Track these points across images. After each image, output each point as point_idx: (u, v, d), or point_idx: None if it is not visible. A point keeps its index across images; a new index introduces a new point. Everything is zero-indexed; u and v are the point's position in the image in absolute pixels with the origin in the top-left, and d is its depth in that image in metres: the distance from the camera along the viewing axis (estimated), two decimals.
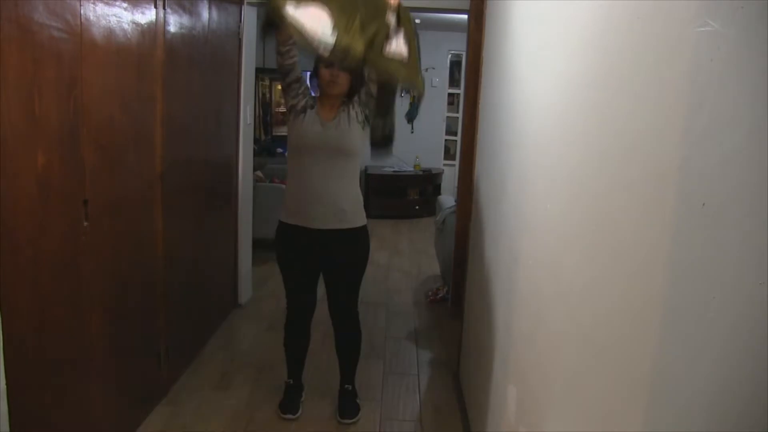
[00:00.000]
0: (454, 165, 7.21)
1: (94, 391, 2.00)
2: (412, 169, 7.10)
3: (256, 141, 4.67)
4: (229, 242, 3.56)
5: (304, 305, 2.51)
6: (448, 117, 7.59)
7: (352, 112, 2.30)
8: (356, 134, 2.30)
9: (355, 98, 2.32)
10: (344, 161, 2.30)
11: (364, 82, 2.29)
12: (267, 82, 6.49)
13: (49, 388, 1.76)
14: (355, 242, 2.38)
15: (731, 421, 0.81)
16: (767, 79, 0.72)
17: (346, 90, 2.30)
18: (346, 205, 2.32)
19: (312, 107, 2.31)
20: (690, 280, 0.78)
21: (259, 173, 4.82)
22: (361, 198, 2.41)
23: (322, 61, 2.25)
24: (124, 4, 2.03)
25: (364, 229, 2.41)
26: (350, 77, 2.27)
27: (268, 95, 6.58)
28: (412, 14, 2.04)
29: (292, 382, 2.62)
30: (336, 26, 1.86)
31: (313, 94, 2.36)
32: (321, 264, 2.42)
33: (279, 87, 6.47)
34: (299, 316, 2.53)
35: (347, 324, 2.54)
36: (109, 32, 1.95)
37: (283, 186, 4.46)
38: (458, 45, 6.64)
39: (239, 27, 3.43)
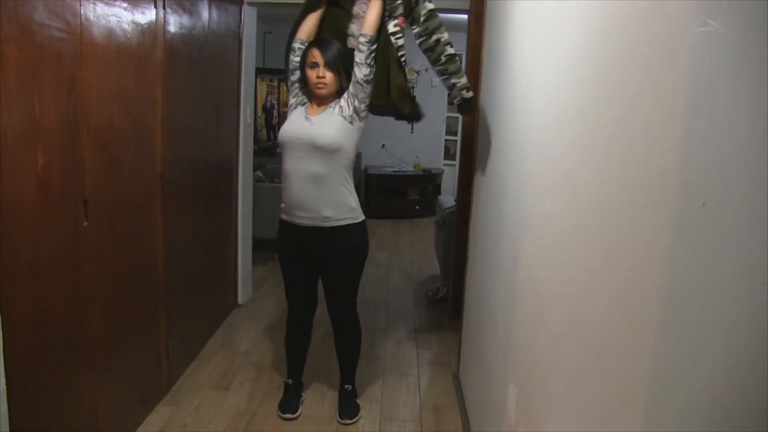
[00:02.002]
0: (454, 165, 7.21)
1: (94, 391, 2.00)
2: (412, 169, 7.11)
3: (257, 141, 4.66)
4: (229, 242, 3.56)
5: (303, 304, 2.51)
6: (448, 117, 7.59)
7: (337, 107, 2.25)
8: (337, 129, 2.22)
9: (344, 93, 2.28)
10: (323, 160, 2.21)
11: (348, 76, 2.26)
12: (275, 83, 6.47)
13: (49, 388, 1.76)
14: (347, 241, 2.33)
15: (731, 422, 0.81)
16: (767, 79, 0.72)
17: (335, 89, 2.27)
18: (328, 212, 2.25)
19: (304, 104, 2.34)
20: (690, 280, 0.78)
21: (259, 173, 4.82)
22: (350, 199, 2.30)
23: (307, 63, 2.24)
24: (124, 4, 2.03)
25: (358, 227, 2.34)
26: (337, 76, 2.24)
27: (276, 95, 6.54)
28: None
29: (291, 381, 2.62)
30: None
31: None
32: (317, 264, 2.41)
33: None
34: (299, 314, 2.53)
35: (346, 324, 2.53)
36: (109, 32, 1.95)
37: None
38: (458, 45, 6.63)
39: (239, 27, 3.43)
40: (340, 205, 2.28)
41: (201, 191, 3.00)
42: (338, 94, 2.29)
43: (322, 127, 2.22)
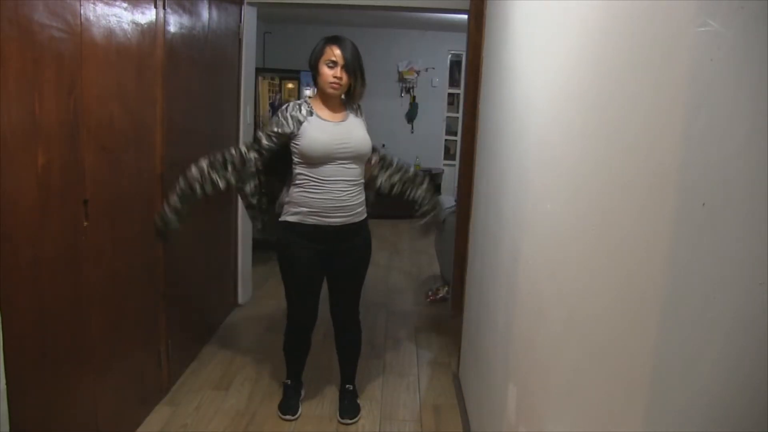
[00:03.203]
0: (454, 165, 7.21)
1: (94, 391, 2.00)
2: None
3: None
4: (229, 242, 3.56)
5: (307, 317, 2.45)
6: (448, 117, 7.59)
7: (360, 117, 2.35)
8: (366, 134, 2.32)
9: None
10: (361, 163, 2.30)
11: (363, 83, 2.28)
12: (276, 81, 6.46)
13: (49, 388, 1.75)
14: (363, 233, 2.39)
15: (731, 422, 0.81)
16: (767, 79, 0.72)
17: (345, 91, 2.27)
18: (359, 208, 2.34)
19: (311, 113, 2.24)
20: (690, 280, 0.78)
21: None
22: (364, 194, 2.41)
23: (323, 60, 2.20)
24: (124, 4, 2.03)
25: (366, 221, 2.43)
26: (352, 80, 2.23)
27: (277, 95, 6.52)
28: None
29: (290, 382, 2.62)
30: None
31: (307, 102, 2.28)
32: (325, 265, 2.38)
33: (289, 86, 6.46)
34: (301, 326, 2.49)
35: (349, 325, 2.53)
36: (109, 32, 1.95)
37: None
38: (458, 45, 6.64)
39: (239, 27, 3.43)
40: (363, 199, 2.38)
41: None
42: (346, 94, 2.30)
43: (359, 135, 2.29)
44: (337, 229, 2.29)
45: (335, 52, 2.18)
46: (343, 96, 2.30)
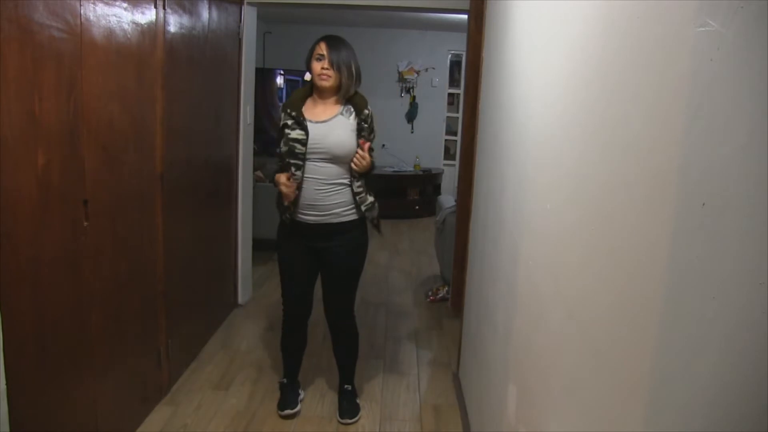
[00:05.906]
0: (454, 165, 7.21)
1: (94, 391, 2.00)
2: (412, 169, 7.10)
3: (257, 141, 4.65)
4: (229, 242, 3.56)
5: (293, 306, 2.49)
6: (448, 117, 7.59)
7: (351, 121, 2.30)
8: (348, 136, 2.29)
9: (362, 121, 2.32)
10: (335, 163, 2.28)
11: (351, 75, 2.29)
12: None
13: (49, 388, 1.76)
14: (344, 237, 2.35)
15: (731, 422, 0.81)
16: (767, 79, 0.72)
17: (336, 84, 2.28)
18: (337, 209, 2.31)
19: (296, 115, 2.29)
20: (690, 280, 0.78)
21: (259, 173, 4.82)
22: (354, 194, 2.33)
23: (314, 56, 2.28)
24: (124, 4, 2.03)
25: (360, 221, 2.39)
26: (338, 74, 2.26)
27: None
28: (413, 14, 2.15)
29: (286, 381, 2.62)
30: None
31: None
32: (316, 262, 2.41)
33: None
34: (295, 316, 2.52)
35: (344, 326, 2.53)
36: (109, 32, 1.95)
37: None
38: (458, 45, 6.65)
39: (239, 27, 3.43)
40: (349, 203, 2.34)
41: (201, 191, 3.00)
42: (338, 89, 2.30)
43: (337, 137, 2.27)
44: (313, 227, 2.31)
45: (322, 47, 2.27)
46: (338, 96, 2.32)
